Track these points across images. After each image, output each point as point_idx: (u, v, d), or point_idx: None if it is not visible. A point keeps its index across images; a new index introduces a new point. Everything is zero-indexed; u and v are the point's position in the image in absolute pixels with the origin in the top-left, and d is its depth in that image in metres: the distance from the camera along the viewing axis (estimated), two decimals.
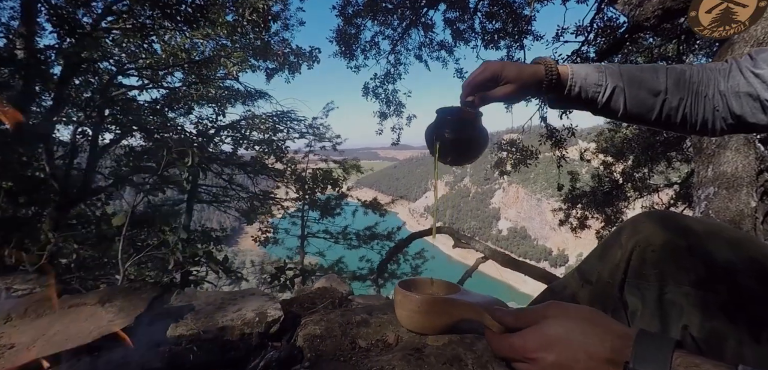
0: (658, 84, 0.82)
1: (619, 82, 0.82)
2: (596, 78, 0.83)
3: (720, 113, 0.81)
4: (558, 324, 0.57)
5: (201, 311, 0.95)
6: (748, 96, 0.76)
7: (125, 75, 5.70)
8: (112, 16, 5.00)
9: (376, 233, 9.42)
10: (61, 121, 5.44)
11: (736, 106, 0.78)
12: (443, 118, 0.87)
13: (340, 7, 8.68)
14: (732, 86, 0.78)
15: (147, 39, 5.04)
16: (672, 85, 0.82)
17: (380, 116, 9.25)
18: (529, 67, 0.84)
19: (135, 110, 6.03)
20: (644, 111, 0.83)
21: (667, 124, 0.85)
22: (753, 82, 0.76)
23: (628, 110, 0.83)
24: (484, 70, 0.82)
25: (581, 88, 0.83)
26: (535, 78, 0.82)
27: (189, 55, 6.50)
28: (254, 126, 8.64)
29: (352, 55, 9.15)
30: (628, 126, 10.85)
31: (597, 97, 0.83)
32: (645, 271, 0.80)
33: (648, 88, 0.82)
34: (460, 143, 0.86)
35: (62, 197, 4.68)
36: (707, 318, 0.72)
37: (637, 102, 0.82)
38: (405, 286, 0.97)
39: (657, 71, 0.84)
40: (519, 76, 0.82)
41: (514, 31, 7.89)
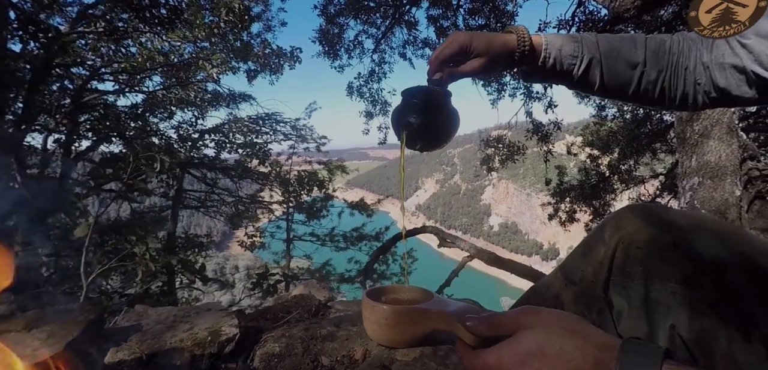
0: (636, 56, 0.77)
1: (595, 54, 0.77)
2: (572, 49, 0.78)
3: (702, 87, 0.77)
4: (533, 336, 0.50)
5: (149, 331, 0.86)
6: (734, 68, 0.72)
7: (100, 80, 5.52)
8: (85, 20, 4.82)
9: (364, 234, 9.29)
10: (33, 129, 5.24)
11: (720, 79, 0.74)
12: (409, 100, 0.80)
13: (322, 6, 8.60)
14: (716, 57, 0.74)
15: (121, 42, 4.86)
16: (650, 57, 0.77)
17: (366, 116, 9.17)
18: (500, 36, 0.78)
19: (111, 115, 5.85)
20: (621, 84, 0.79)
21: (644, 99, 0.80)
22: (739, 52, 0.71)
23: (604, 83, 0.78)
24: (451, 43, 0.76)
25: (556, 60, 0.78)
26: (507, 48, 0.77)
27: (167, 58, 6.33)
28: (237, 129, 8.47)
29: (336, 55, 9.07)
30: (613, 118, 11.00)
31: (572, 69, 0.78)
32: (630, 269, 0.76)
33: (625, 59, 0.77)
34: (428, 128, 0.79)
35: (34, 207, 4.49)
36: (696, 317, 0.69)
37: (613, 74, 0.78)
38: (374, 295, 0.88)
39: (635, 42, 0.79)
40: (489, 47, 0.76)
41: (497, 26, 7.88)
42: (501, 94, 7.66)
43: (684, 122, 2.94)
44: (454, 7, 8.41)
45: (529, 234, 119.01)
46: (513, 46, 0.76)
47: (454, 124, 0.81)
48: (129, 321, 0.92)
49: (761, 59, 0.69)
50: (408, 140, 0.79)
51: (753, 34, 0.70)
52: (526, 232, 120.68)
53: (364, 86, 8.60)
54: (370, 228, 9.33)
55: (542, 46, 0.77)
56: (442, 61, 0.77)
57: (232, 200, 9.59)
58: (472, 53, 0.75)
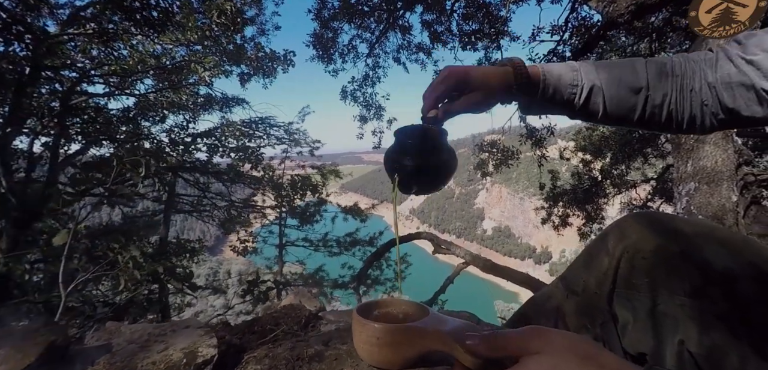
0: (639, 79, 0.74)
1: (595, 81, 0.74)
2: (571, 77, 0.75)
3: (709, 108, 0.73)
4: (542, 363, 0.46)
5: (120, 352, 0.80)
6: (742, 86, 0.68)
7: (90, 82, 5.42)
8: (76, 23, 4.74)
9: (358, 239, 9.20)
10: (21, 132, 5.14)
11: (728, 99, 0.70)
12: (403, 141, 0.75)
13: (316, 10, 8.56)
14: (722, 77, 0.70)
15: (112, 45, 4.78)
16: (653, 80, 0.74)
17: (360, 120, 9.13)
18: (496, 70, 0.75)
19: (102, 118, 5.75)
20: (626, 111, 0.75)
21: (651, 124, 0.76)
22: (746, 69, 0.67)
23: (608, 111, 0.75)
24: (446, 78, 0.72)
25: (555, 90, 0.75)
26: (504, 81, 0.73)
27: (158, 61, 6.25)
28: (230, 133, 8.37)
29: (330, 59, 9.03)
30: None
31: (573, 98, 0.75)
32: (635, 280, 0.74)
33: (628, 85, 0.74)
34: (424, 171, 0.74)
35: (20, 212, 4.38)
36: (705, 331, 0.66)
37: (617, 101, 0.74)
38: (365, 310, 0.81)
39: (635, 66, 0.76)
40: (485, 80, 0.72)
41: (490, 31, 7.90)
42: None
43: None
44: (448, 12, 8.42)
45: (522, 238, 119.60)
46: (510, 78, 0.74)
47: (451, 166, 0.77)
48: (99, 340, 0.86)
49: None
50: (402, 184, 0.75)
51: (760, 50, 0.67)
52: (520, 235, 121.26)
53: (358, 91, 8.56)
54: (364, 233, 9.27)
55: (540, 77, 0.75)
56: (437, 98, 0.73)
57: (225, 205, 9.48)
58: (468, 88, 0.72)
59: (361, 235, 9.21)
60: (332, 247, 9.07)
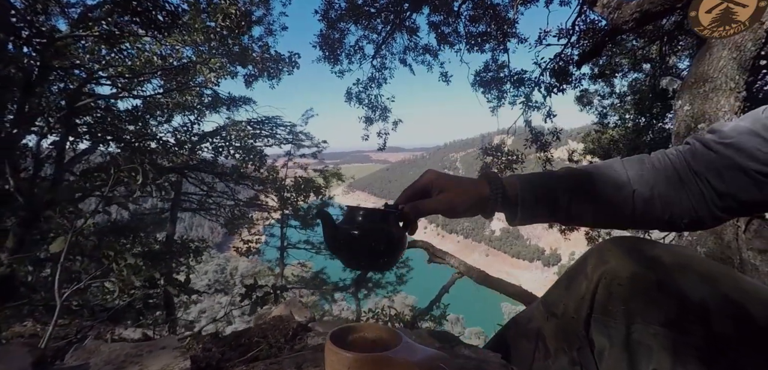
0: (618, 176, 0.73)
1: (574, 186, 0.74)
2: (550, 187, 0.75)
3: (705, 197, 0.71)
4: None
5: None
6: (729, 168, 0.68)
7: (97, 83, 5.50)
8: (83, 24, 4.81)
9: None
10: (27, 132, 5.23)
11: (719, 184, 0.69)
12: (350, 221, 0.73)
13: (323, 11, 8.58)
14: (706, 164, 0.70)
15: (118, 46, 4.85)
16: (635, 174, 0.73)
17: (366, 121, 9.14)
18: (471, 185, 0.75)
19: (108, 118, 5.83)
20: (615, 208, 0.74)
21: (650, 221, 0.74)
22: (728, 153, 0.67)
23: (596, 214, 0.75)
24: (421, 178, 0.76)
25: (537, 199, 0.74)
26: (478, 197, 0.74)
27: (165, 62, 6.32)
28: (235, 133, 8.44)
29: (337, 60, 9.05)
30: (615, 126, 10.94)
31: (555, 205, 0.74)
32: (611, 307, 0.73)
33: (610, 182, 0.73)
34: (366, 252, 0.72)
35: (27, 211, 4.47)
36: (679, 363, 0.65)
37: (604, 201, 0.73)
38: (339, 336, 0.83)
39: (613, 165, 0.76)
40: (459, 192, 0.74)
41: (497, 33, 7.84)
42: (501, 101, 7.62)
43: (681, 138, 2.88)
44: (455, 13, 8.38)
45: (530, 239, 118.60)
46: (486, 194, 0.73)
47: (395, 251, 0.74)
48: (78, 359, 0.87)
49: (755, 154, 0.65)
50: (348, 261, 0.75)
51: (736, 133, 0.67)
52: (528, 237, 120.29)
53: (363, 93, 8.56)
54: None
55: (517, 192, 0.74)
56: (409, 196, 0.75)
57: (230, 204, 9.56)
58: (442, 193, 0.74)
59: None
60: None
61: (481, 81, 8.03)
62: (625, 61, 8.70)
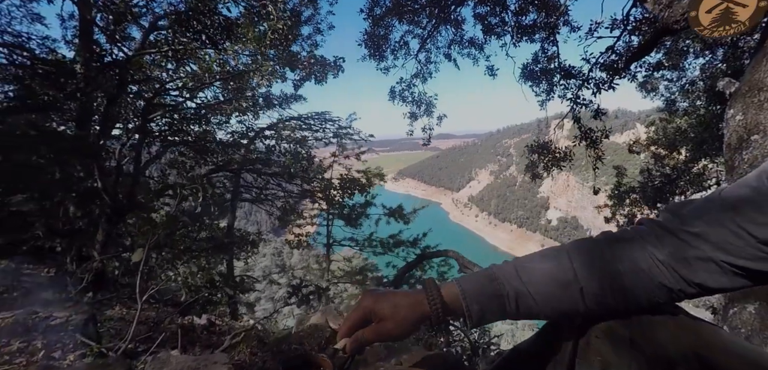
0: (564, 273, 0.72)
1: (520, 286, 0.72)
2: (492, 289, 0.73)
3: (671, 284, 0.69)
4: None
5: None
6: (698, 260, 0.66)
7: (166, 93, 6.14)
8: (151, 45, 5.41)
9: (401, 240, 9.42)
10: (109, 137, 5.97)
11: (690, 274, 0.68)
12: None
13: (368, 9, 8.74)
14: (674, 254, 0.68)
15: (181, 60, 5.40)
16: (582, 270, 0.71)
17: (410, 117, 9.24)
18: (408, 297, 0.74)
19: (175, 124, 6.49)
20: (564, 308, 0.72)
21: (604, 314, 0.73)
22: (696, 243, 0.66)
23: (547, 313, 0.74)
24: (356, 308, 0.74)
25: (481, 308, 0.72)
26: (418, 313, 0.72)
27: (223, 68, 6.87)
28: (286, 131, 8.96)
29: (382, 57, 9.20)
30: (684, 114, 10.08)
31: (502, 309, 0.73)
32: (589, 356, 0.75)
33: (555, 280, 0.72)
34: None
35: (112, 209, 5.15)
36: None
37: (549, 300, 0.72)
38: None
39: (560, 258, 0.74)
40: (395, 312, 0.72)
41: (548, 22, 7.53)
42: (550, 95, 7.36)
43: (733, 149, 2.73)
44: (502, 2, 8.15)
45: (591, 230, 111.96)
46: (425, 309, 0.72)
47: None
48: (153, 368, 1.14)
49: (727, 248, 0.64)
50: None
51: (701, 223, 0.66)
52: (588, 228, 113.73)
53: (406, 90, 8.67)
54: (407, 234, 9.39)
55: (460, 300, 0.73)
56: (351, 327, 0.74)
57: (284, 195, 10.21)
58: (377, 318, 0.73)
59: (404, 236, 9.37)
60: (376, 247, 9.39)
61: (530, 73, 7.79)
62: (694, 44, 7.98)
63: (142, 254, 2.26)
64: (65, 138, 5.41)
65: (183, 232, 5.67)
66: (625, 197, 11.21)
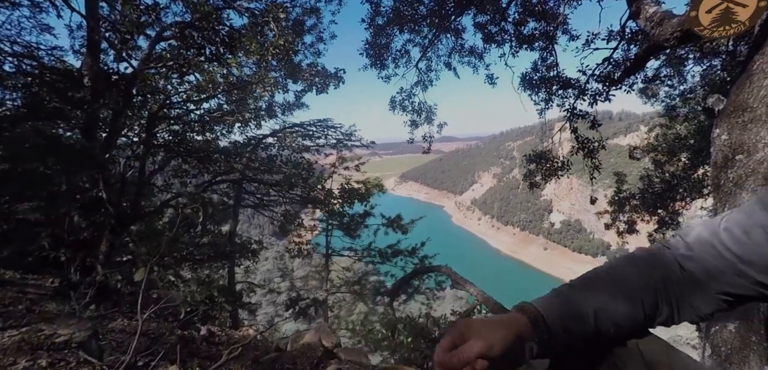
0: (627, 286, 0.72)
1: (596, 303, 0.71)
2: (574, 309, 0.70)
3: (667, 315, 0.73)
4: None
5: None
6: (703, 293, 0.71)
7: (171, 106, 6.26)
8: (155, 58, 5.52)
9: (399, 249, 9.49)
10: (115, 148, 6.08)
11: (697, 302, 0.72)
12: None
13: (370, 19, 8.84)
14: (682, 295, 0.72)
15: (186, 74, 5.51)
16: (638, 282, 0.73)
17: (411, 124, 9.32)
18: (500, 319, 0.69)
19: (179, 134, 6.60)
20: (632, 323, 0.72)
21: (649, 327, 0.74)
22: (702, 277, 0.70)
23: (618, 325, 0.71)
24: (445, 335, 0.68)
25: (570, 332, 0.69)
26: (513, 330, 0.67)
27: (227, 79, 6.98)
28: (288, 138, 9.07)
29: (383, 65, 9.29)
30: (684, 119, 10.08)
31: (583, 329, 0.69)
32: None
33: (622, 293, 0.72)
34: None
35: (116, 220, 5.26)
36: None
37: (623, 315, 0.71)
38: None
39: (621, 269, 0.75)
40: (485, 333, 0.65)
41: (547, 31, 7.59)
42: (548, 104, 7.42)
43: (719, 168, 2.79)
44: (502, 9, 8.23)
45: (594, 233, 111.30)
46: (521, 325, 0.67)
47: None
48: None
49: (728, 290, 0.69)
50: None
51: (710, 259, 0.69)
52: (591, 231, 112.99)
53: (406, 100, 8.76)
54: (406, 243, 9.44)
55: (549, 320, 0.68)
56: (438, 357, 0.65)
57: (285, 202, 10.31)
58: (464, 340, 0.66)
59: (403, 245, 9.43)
60: (375, 257, 9.44)
61: (529, 82, 7.85)
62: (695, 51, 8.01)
63: (143, 273, 2.35)
64: (72, 148, 5.54)
65: (185, 239, 5.79)
66: (625, 204, 11.23)
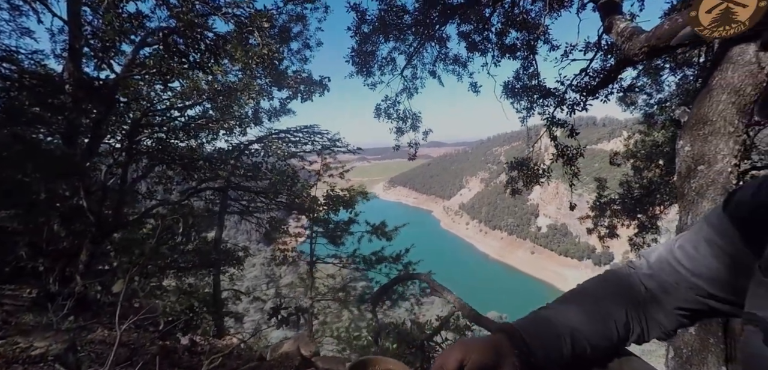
0: (601, 308, 0.77)
1: (573, 324, 0.74)
2: (552, 330, 0.73)
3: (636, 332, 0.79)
4: None
5: None
6: (665, 310, 0.78)
7: (154, 114, 6.21)
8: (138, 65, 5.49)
9: (383, 256, 9.55)
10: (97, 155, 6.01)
11: (662, 318, 0.79)
12: None
13: (355, 27, 8.92)
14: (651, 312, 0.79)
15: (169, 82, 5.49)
16: (610, 304, 0.78)
17: (396, 132, 9.40)
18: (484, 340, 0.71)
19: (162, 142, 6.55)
20: (607, 342, 0.76)
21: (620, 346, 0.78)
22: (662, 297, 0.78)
23: (593, 347, 0.74)
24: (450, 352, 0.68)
25: (547, 351, 0.72)
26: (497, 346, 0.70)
27: (211, 86, 6.96)
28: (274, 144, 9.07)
29: (369, 73, 9.37)
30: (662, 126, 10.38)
31: (561, 351, 0.72)
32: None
33: (597, 315, 0.76)
34: None
35: (97, 229, 5.20)
36: None
37: (596, 336, 0.74)
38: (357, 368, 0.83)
39: (591, 295, 0.80)
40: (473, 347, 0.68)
41: (527, 42, 7.77)
42: (530, 112, 7.59)
43: (682, 178, 2.92)
44: (486, 19, 8.39)
45: (580, 237, 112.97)
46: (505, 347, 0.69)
47: None
48: None
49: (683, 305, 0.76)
50: None
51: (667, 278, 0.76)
52: (577, 234, 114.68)
53: (391, 107, 8.85)
54: (389, 250, 9.51)
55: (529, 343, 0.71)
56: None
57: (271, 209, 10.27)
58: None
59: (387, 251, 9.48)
60: (359, 263, 9.49)
61: (511, 90, 8.01)
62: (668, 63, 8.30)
63: (122, 285, 2.36)
64: (52, 154, 5.46)
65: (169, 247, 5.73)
66: (606, 209, 11.51)
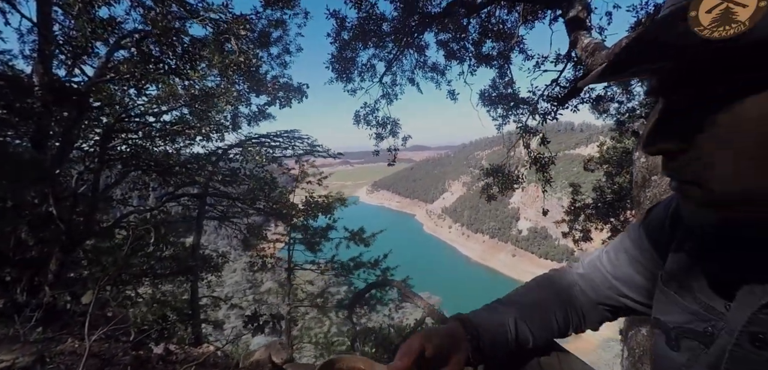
0: (544, 300, 0.84)
1: (516, 313, 0.80)
2: (497, 319, 0.78)
3: (575, 323, 0.86)
4: None
5: None
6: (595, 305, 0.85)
7: (129, 118, 6.12)
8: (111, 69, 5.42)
9: (361, 262, 9.60)
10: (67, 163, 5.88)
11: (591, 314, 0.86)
12: None
13: (335, 34, 8.98)
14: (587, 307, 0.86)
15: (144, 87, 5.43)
16: (552, 299, 0.85)
17: (377, 137, 9.50)
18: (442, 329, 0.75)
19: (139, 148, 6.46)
20: (548, 333, 0.82)
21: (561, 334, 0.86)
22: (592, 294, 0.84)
23: (534, 335, 0.80)
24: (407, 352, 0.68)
25: (493, 337, 0.76)
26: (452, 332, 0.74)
27: (188, 91, 6.90)
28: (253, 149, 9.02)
29: (349, 79, 9.45)
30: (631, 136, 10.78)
31: (505, 337, 0.77)
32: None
33: (541, 306, 0.83)
34: None
35: (67, 237, 5.09)
36: None
37: (538, 326, 0.80)
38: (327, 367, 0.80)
39: (537, 289, 0.87)
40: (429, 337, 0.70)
41: (502, 52, 8.01)
42: (505, 120, 7.81)
43: (638, 187, 3.10)
44: (463, 27, 8.58)
45: (559, 240, 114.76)
46: (459, 330, 0.74)
47: None
48: None
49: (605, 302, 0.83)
50: None
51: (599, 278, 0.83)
52: (557, 237, 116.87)
53: (371, 114, 8.95)
54: (368, 256, 9.56)
55: (478, 328, 0.76)
56: None
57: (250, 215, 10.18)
58: None
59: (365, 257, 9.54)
60: (338, 269, 9.51)
61: (487, 98, 8.22)
62: None
63: (91, 296, 2.36)
64: (20, 159, 5.32)
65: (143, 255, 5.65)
66: (581, 213, 11.87)
